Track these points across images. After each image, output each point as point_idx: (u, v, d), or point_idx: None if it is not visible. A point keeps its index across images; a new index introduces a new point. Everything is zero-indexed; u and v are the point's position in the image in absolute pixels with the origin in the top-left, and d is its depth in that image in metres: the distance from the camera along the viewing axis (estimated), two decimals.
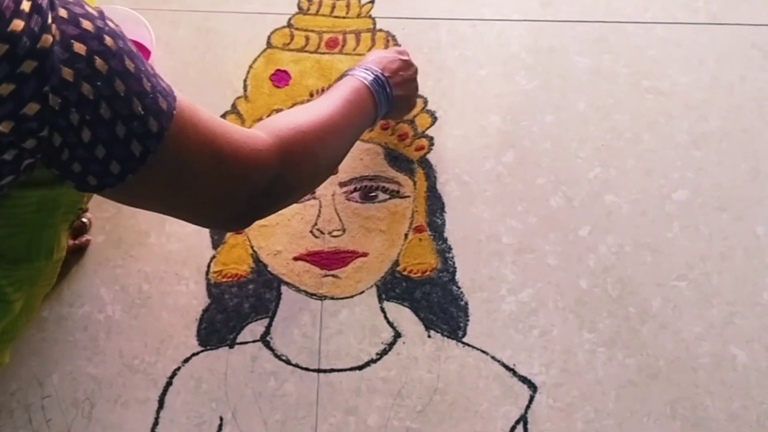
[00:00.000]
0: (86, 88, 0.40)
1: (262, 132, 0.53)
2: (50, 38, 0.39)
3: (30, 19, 0.38)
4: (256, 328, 0.77)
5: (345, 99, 0.64)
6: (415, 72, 0.77)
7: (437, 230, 0.81)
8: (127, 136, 0.43)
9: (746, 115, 0.86)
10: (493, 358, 0.77)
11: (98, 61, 0.41)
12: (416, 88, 0.79)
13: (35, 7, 0.38)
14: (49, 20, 0.39)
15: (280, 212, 0.80)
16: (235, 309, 0.78)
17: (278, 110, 0.85)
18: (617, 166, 0.84)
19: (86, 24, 0.41)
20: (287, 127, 0.55)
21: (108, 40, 0.41)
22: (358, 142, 0.83)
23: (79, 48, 0.40)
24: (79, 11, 0.41)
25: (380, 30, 0.89)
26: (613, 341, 0.78)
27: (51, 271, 0.63)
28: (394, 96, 0.72)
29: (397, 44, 0.88)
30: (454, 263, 0.80)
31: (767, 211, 0.83)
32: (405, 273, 0.80)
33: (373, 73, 0.69)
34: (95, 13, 0.42)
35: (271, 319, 0.78)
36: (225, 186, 0.50)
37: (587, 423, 0.75)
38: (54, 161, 0.43)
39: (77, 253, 0.79)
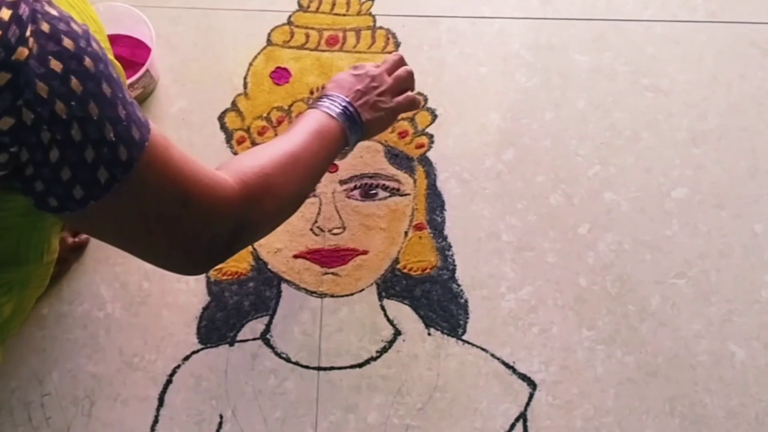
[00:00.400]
0: (60, 107, 0.40)
1: (228, 175, 0.51)
2: (26, 51, 0.38)
3: (8, 29, 0.37)
4: (256, 326, 0.77)
5: (311, 132, 0.62)
6: (391, 86, 0.72)
7: (437, 228, 0.81)
8: (95, 161, 0.42)
9: (745, 113, 0.87)
10: (492, 355, 0.77)
11: (74, 81, 0.40)
12: (392, 111, 0.72)
13: (15, 18, 0.37)
14: (28, 33, 0.38)
15: None
16: (235, 307, 0.78)
17: (278, 108, 0.85)
18: (617, 163, 0.84)
19: (67, 42, 0.40)
20: (252, 171, 0.53)
21: (87, 61, 0.40)
22: None
23: (56, 65, 0.39)
24: (63, 28, 0.40)
25: (380, 27, 0.89)
26: (612, 339, 0.78)
27: (42, 274, 0.62)
28: (365, 120, 0.69)
29: (396, 42, 0.88)
30: (454, 261, 0.80)
31: (766, 208, 0.83)
32: (405, 271, 0.80)
33: (340, 104, 0.67)
34: (79, 32, 0.41)
35: (271, 317, 0.78)
36: (187, 229, 0.49)
37: (586, 420, 0.75)
38: (17, 175, 0.42)
39: (77, 250, 0.79)
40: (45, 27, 0.39)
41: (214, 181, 0.50)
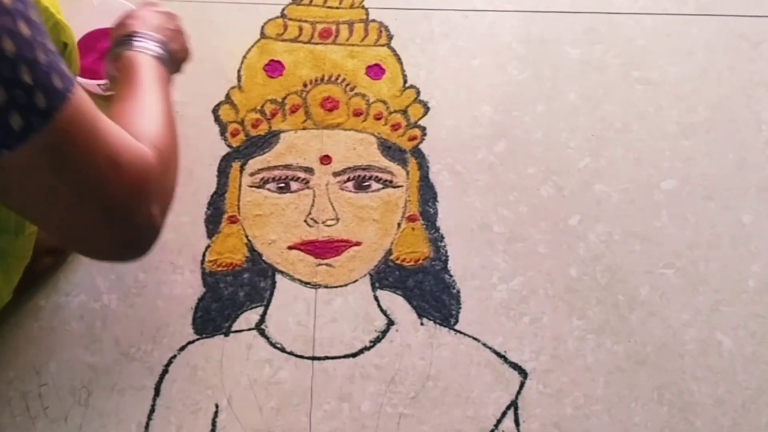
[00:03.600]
0: None
1: (145, 144, 0.50)
2: None
3: None
4: (251, 317, 0.79)
5: (159, 81, 0.61)
6: (178, 20, 0.71)
7: (430, 219, 0.83)
8: (7, 104, 0.38)
9: (734, 106, 0.88)
10: (484, 345, 0.79)
11: None
12: (184, 41, 0.72)
13: None
14: None
15: (273, 202, 0.82)
16: (230, 298, 0.79)
17: (272, 100, 0.86)
18: (607, 155, 0.86)
19: None
20: (158, 137, 0.52)
21: None
22: (352, 133, 0.85)
23: None
24: None
25: (373, 20, 0.90)
26: (602, 328, 0.80)
27: (24, 245, 0.62)
28: (175, 57, 0.68)
29: (389, 34, 0.89)
30: (446, 252, 0.82)
31: (754, 200, 0.85)
32: (398, 262, 0.81)
33: (160, 46, 0.64)
34: None
35: (266, 307, 0.79)
36: (122, 195, 0.45)
37: (576, 408, 0.77)
38: None
39: None
40: None
41: (138, 145, 0.47)
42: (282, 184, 0.83)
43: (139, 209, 0.47)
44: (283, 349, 0.78)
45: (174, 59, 0.67)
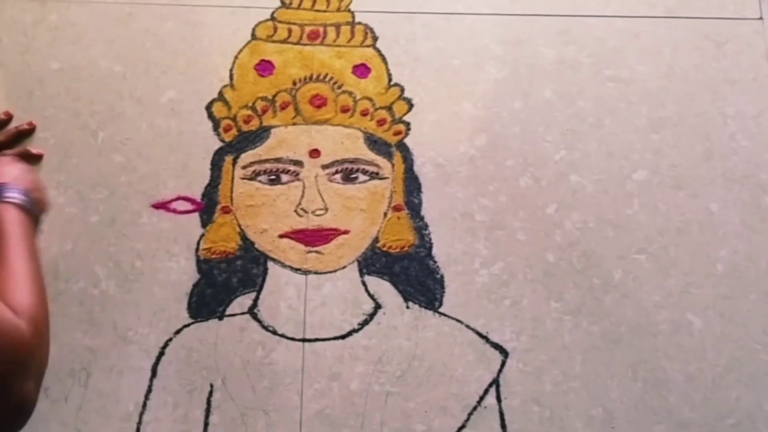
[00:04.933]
0: None
1: (22, 319, 0.52)
2: None
3: None
4: (244, 302, 0.85)
5: (27, 239, 0.67)
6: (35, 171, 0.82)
7: (414, 209, 0.90)
8: None
9: (700, 102, 0.96)
10: (467, 326, 0.85)
11: None
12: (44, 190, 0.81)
13: None
14: None
15: (265, 193, 0.89)
16: (224, 283, 0.85)
17: (263, 98, 0.93)
18: (581, 148, 0.93)
19: None
20: (33, 306, 0.56)
21: None
22: (339, 128, 0.92)
23: None
24: None
25: (359, 23, 0.98)
26: (578, 310, 0.87)
27: None
28: (38, 205, 0.76)
29: (374, 36, 0.97)
30: (430, 239, 0.89)
31: (720, 189, 0.92)
32: (384, 249, 0.88)
33: (24, 194, 0.72)
34: None
35: (258, 292, 0.85)
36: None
37: (555, 385, 0.84)
38: None
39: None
40: None
41: (13, 320, 0.50)
42: (273, 177, 0.90)
43: (13, 387, 0.48)
44: (274, 332, 0.84)
45: (37, 208, 0.74)
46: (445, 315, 0.86)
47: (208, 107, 0.93)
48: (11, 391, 0.49)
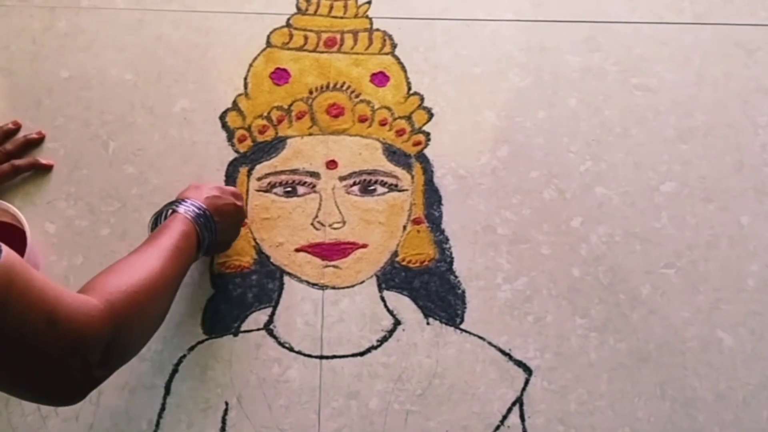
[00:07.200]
0: None
1: (94, 296, 0.55)
2: None
3: None
4: (259, 317, 0.88)
5: (175, 247, 0.69)
6: (244, 216, 0.87)
7: (435, 222, 0.93)
8: None
9: (730, 111, 0.99)
10: (489, 343, 0.88)
11: None
12: (238, 233, 0.88)
13: None
14: None
15: (280, 206, 0.92)
16: (239, 299, 0.88)
17: (278, 107, 0.96)
18: (607, 159, 0.96)
19: None
20: (119, 290, 0.57)
21: None
22: (357, 138, 0.95)
23: None
24: None
25: (377, 30, 1.01)
26: (604, 326, 0.89)
27: None
28: (218, 240, 0.80)
29: (393, 43, 1.00)
30: (451, 253, 0.91)
31: (752, 201, 0.95)
32: (404, 263, 0.91)
33: (199, 211, 0.76)
34: None
35: (274, 308, 0.88)
36: (57, 352, 0.50)
37: (581, 404, 0.86)
38: None
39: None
40: None
41: (79, 301, 0.52)
42: (289, 189, 0.92)
43: (74, 364, 0.51)
44: (291, 349, 0.86)
45: (213, 227, 0.77)
46: (466, 332, 0.88)
47: (222, 117, 0.96)
48: (71, 370, 0.52)
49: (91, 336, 0.52)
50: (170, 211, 0.76)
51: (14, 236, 0.84)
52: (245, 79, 0.98)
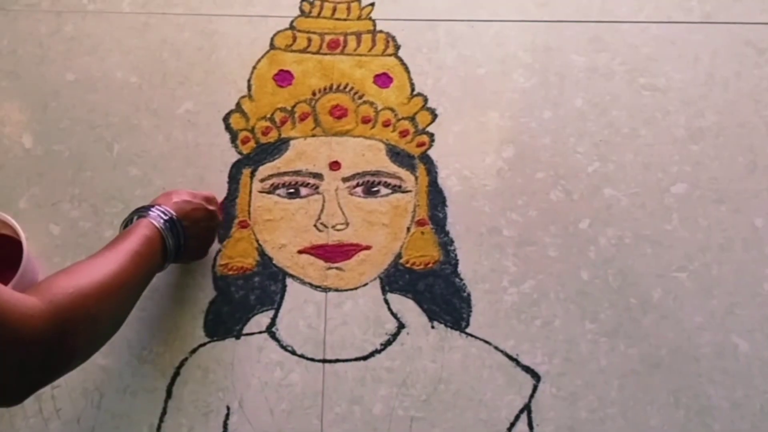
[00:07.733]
0: None
1: (37, 296, 0.53)
2: None
3: None
4: (261, 320, 0.87)
5: (135, 252, 0.67)
6: (218, 221, 0.86)
7: (439, 223, 0.92)
8: None
9: (742, 111, 0.98)
10: (496, 348, 0.86)
11: None
12: (212, 239, 0.88)
13: None
14: None
15: (283, 207, 0.92)
16: (241, 301, 0.88)
17: (282, 109, 0.96)
18: (615, 160, 0.95)
19: None
20: (65, 291, 0.55)
21: None
22: (360, 139, 0.95)
23: None
24: None
25: (380, 31, 1.01)
26: (615, 331, 0.87)
27: None
28: (188, 246, 0.79)
29: (396, 45, 1.00)
30: (456, 255, 0.90)
31: (765, 203, 0.93)
32: (408, 265, 0.90)
33: (172, 221, 0.75)
34: None
35: (277, 310, 0.88)
36: None
37: (591, 412, 0.84)
38: None
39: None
40: None
41: (16, 298, 0.50)
42: (292, 190, 0.92)
43: (9, 363, 0.50)
44: (293, 352, 0.86)
45: (180, 232, 0.77)
46: (472, 336, 0.87)
47: (226, 119, 0.96)
48: (2, 365, 0.50)
49: (27, 335, 0.50)
50: (137, 216, 0.76)
51: (11, 248, 0.84)
52: (249, 81, 0.98)
